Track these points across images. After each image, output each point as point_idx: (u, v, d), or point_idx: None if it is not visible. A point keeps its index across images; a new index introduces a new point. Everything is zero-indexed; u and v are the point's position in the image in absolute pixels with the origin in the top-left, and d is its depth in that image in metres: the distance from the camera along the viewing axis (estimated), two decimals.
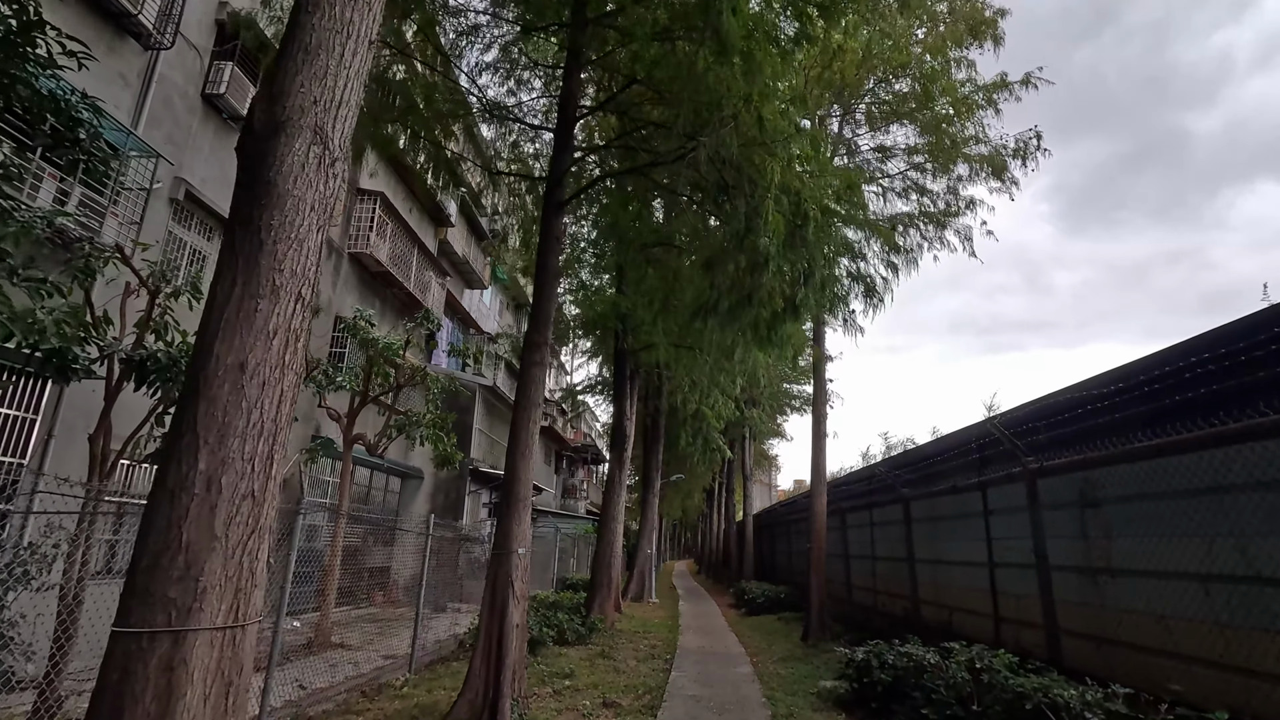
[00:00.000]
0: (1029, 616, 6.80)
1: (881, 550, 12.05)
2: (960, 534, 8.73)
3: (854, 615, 13.02)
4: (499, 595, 6.27)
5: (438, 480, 21.73)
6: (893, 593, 11.01)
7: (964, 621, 8.40)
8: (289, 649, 11.88)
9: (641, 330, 14.71)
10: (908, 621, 9.97)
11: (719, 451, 19.48)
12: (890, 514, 11.17)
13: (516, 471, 6.77)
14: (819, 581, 11.50)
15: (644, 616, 16.27)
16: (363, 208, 18.59)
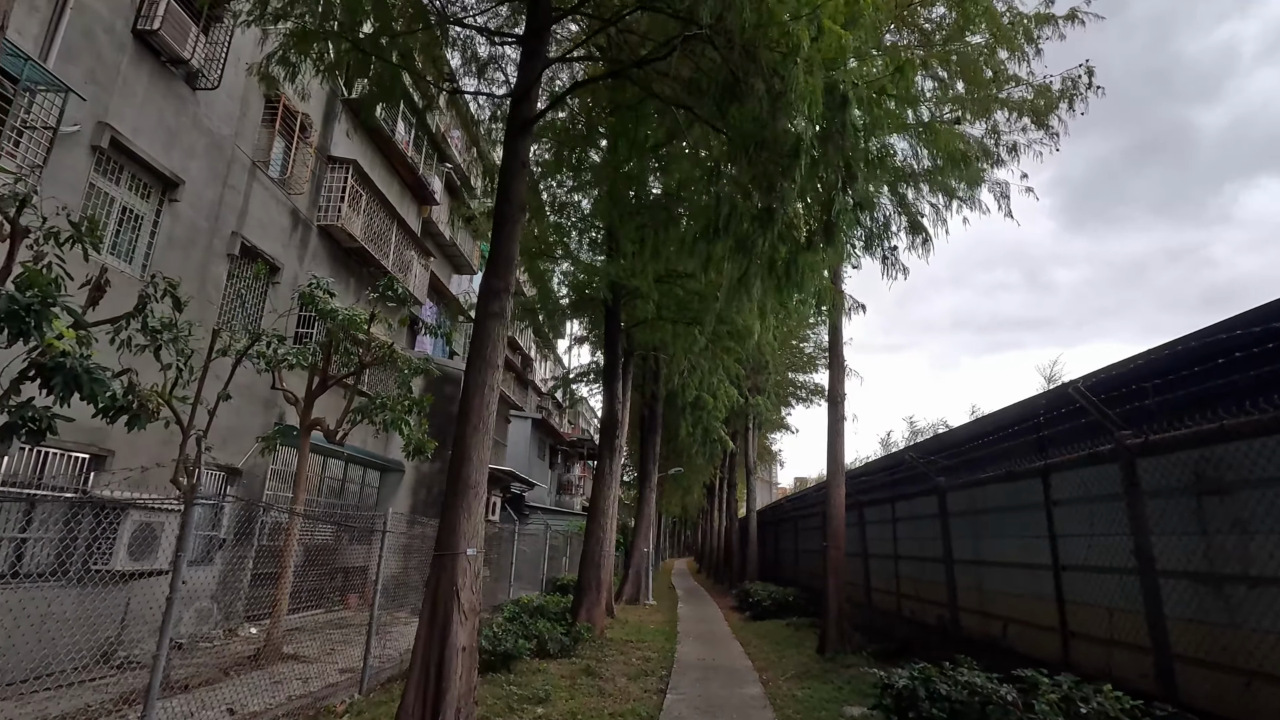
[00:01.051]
0: (1125, 635, 5.33)
1: (907, 549, 10.59)
2: (1013, 530, 7.28)
3: (874, 622, 11.56)
4: (440, 610, 4.83)
5: (420, 474, 20.27)
6: (923, 598, 9.56)
7: (1020, 635, 6.95)
8: (236, 660, 10.44)
9: (635, 304, 13.22)
10: (943, 632, 8.52)
11: (720, 443, 18.02)
12: (920, 507, 9.72)
13: (466, 449, 5.32)
14: (837, 585, 10.04)
15: (639, 621, 14.83)
16: (334, 177, 17.10)
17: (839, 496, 10.33)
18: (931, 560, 9.26)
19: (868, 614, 11.87)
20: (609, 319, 12.41)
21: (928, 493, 9.07)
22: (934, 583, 9.09)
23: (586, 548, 11.76)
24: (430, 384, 20.95)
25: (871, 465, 12.26)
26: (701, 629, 14.10)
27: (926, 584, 9.48)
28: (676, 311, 12.42)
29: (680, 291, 12.24)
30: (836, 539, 10.21)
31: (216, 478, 13.26)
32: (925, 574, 9.59)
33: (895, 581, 11.12)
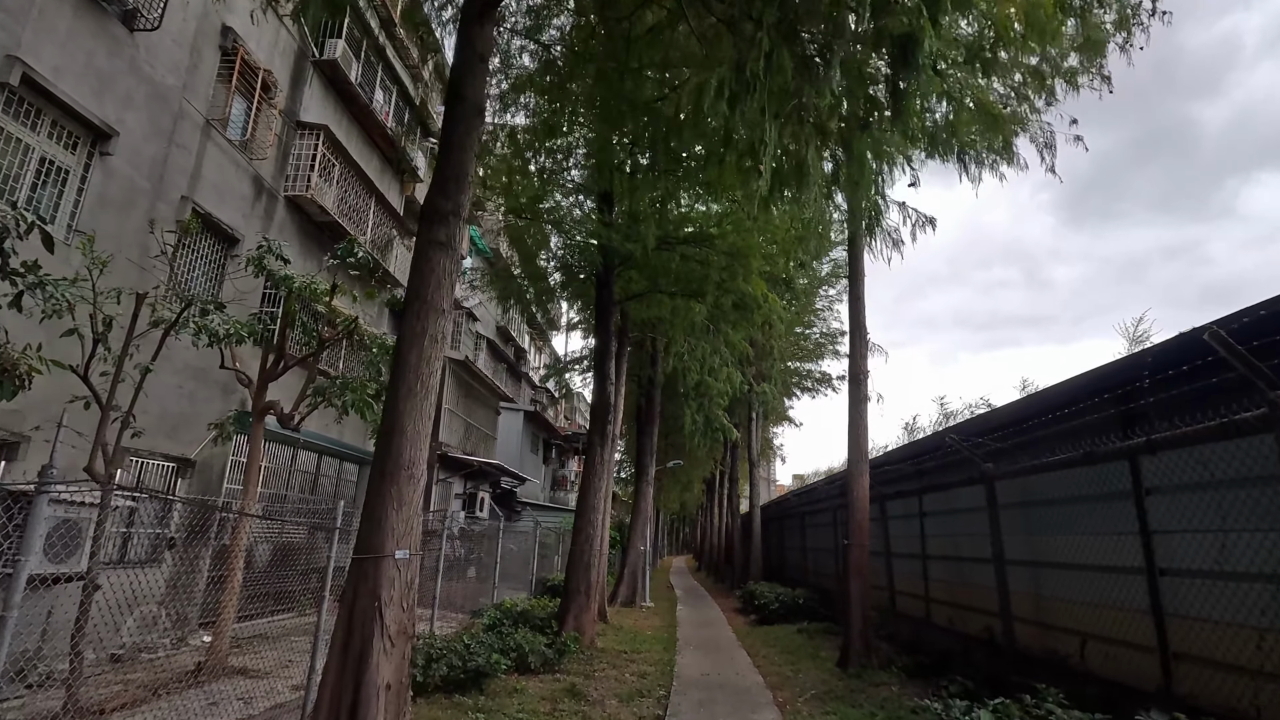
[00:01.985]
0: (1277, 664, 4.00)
1: (940, 547, 9.29)
2: (1088, 525, 5.99)
3: (899, 630, 10.26)
4: (356, 635, 3.52)
5: None
6: (962, 604, 8.24)
7: (1101, 655, 5.64)
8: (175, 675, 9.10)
9: (630, 276, 11.88)
10: (991, 645, 7.22)
11: (724, 431, 16.70)
12: (959, 499, 8.40)
13: (398, 418, 4.00)
14: (862, 589, 8.73)
15: (635, 626, 13.54)
16: (303, 144, 15.72)
17: (862, 488, 9.01)
18: (974, 560, 7.95)
19: (891, 621, 10.57)
20: (600, 290, 11.08)
21: (970, 481, 7.75)
22: (978, 587, 7.77)
23: (574, 547, 10.46)
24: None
25: (893, 454, 10.96)
26: (703, 635, 12.80)
27: (968, 588, 8.16)
28: (675, 283, 11.10)
29: (678, 262, 10.93)
30: (860, 535, 8.90)
31: (163, 469, 11.93)
32: (966, 576, 8.27)
33: (923, 584, 9.83)
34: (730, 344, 12.06)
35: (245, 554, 11.32)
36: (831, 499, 14.77)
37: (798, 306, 19.09)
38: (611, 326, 11.09)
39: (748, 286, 10.29)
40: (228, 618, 9.71)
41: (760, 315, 11.23)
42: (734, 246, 9.87)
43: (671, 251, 10.88)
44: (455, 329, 26.96)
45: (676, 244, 10.61)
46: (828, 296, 21.51)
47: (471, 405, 23.12)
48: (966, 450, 7.27)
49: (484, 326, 30.59)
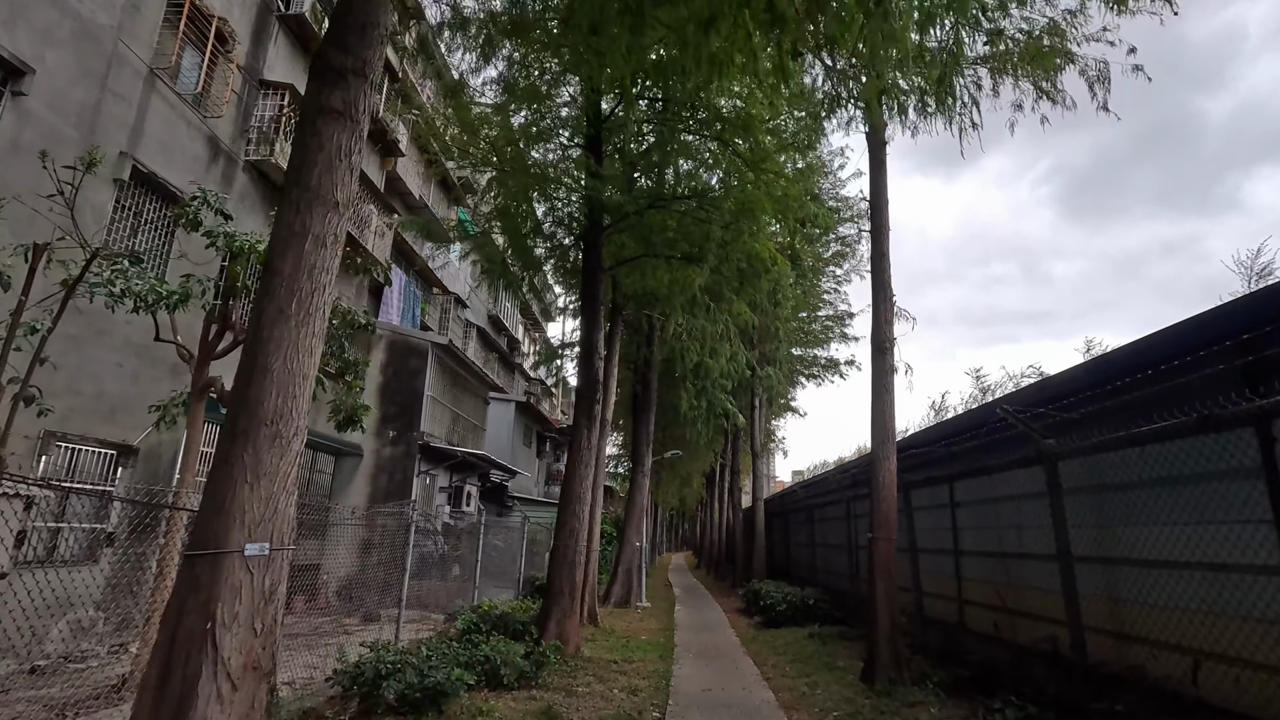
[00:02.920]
0: None
1: (979, 541, 8.02)
2: (1190, 511, 4.74)
3: (929, 638, 9.00)
4: (176, 671, 2.27)
5: (381, 459, 17.65)
6: (1010, 609, 6.96)
7: (1221, 679, 4.38)
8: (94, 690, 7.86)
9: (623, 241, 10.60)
10: (1055, 659, 5.96)
11: (727, 416, 15.43)
12: (1005, 484, 7.11)
13: (262, 353, 2.74)
14: (889, 591, 7.46)
15: (628, 630, 12.29)
16: (266, 104, 14.42)
17: (888, 473, 7.74)
18: (1027, 557, 6.68)
19: (919, 626, 9.30)
20: (587, 252, 9.81)
21: (1024, 463, 6.48)
22: (1033, 588, 6.49)
23: (557, 543, 9.20)
24: (393, 355, 18.38)
25: (918, 436, 9.71)
26: (704, 641, 11.54)
27: (1018, 589, 6.88)
28: (672, 246, 9.82)
29: (676, 222, 9.65)
30: (886, 528, 7.62)
31: (100, 457, 10.68)
32: (1014, 575, 7.00)
33: (955, 584, 8.57)
34: (734, 315, 10.74)
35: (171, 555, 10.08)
36: (844, 490, 13.52)
37: (804, 286, 17.86)
38: (600, 295, 9.83)
39: (755, 245, 9.01)
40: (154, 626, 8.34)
41: (769, 280, 9.95)
42: (741, 199, 8.61)
43: (667, 210, 9.62)
44: (444, 315, 25.71)
45: (673, 200, 9.34)
46: (835, 277, 20.29)
47: (459, 395, 21.83)
48: (1023, 424, 6.00)
49: (475, 314, 29.31)
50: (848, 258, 20.20)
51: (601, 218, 9.68)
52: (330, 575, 15.26)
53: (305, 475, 16.04)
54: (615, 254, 10.49)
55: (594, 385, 9.51)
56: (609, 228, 10.13)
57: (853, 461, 13.83)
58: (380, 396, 17.97)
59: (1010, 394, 7.33)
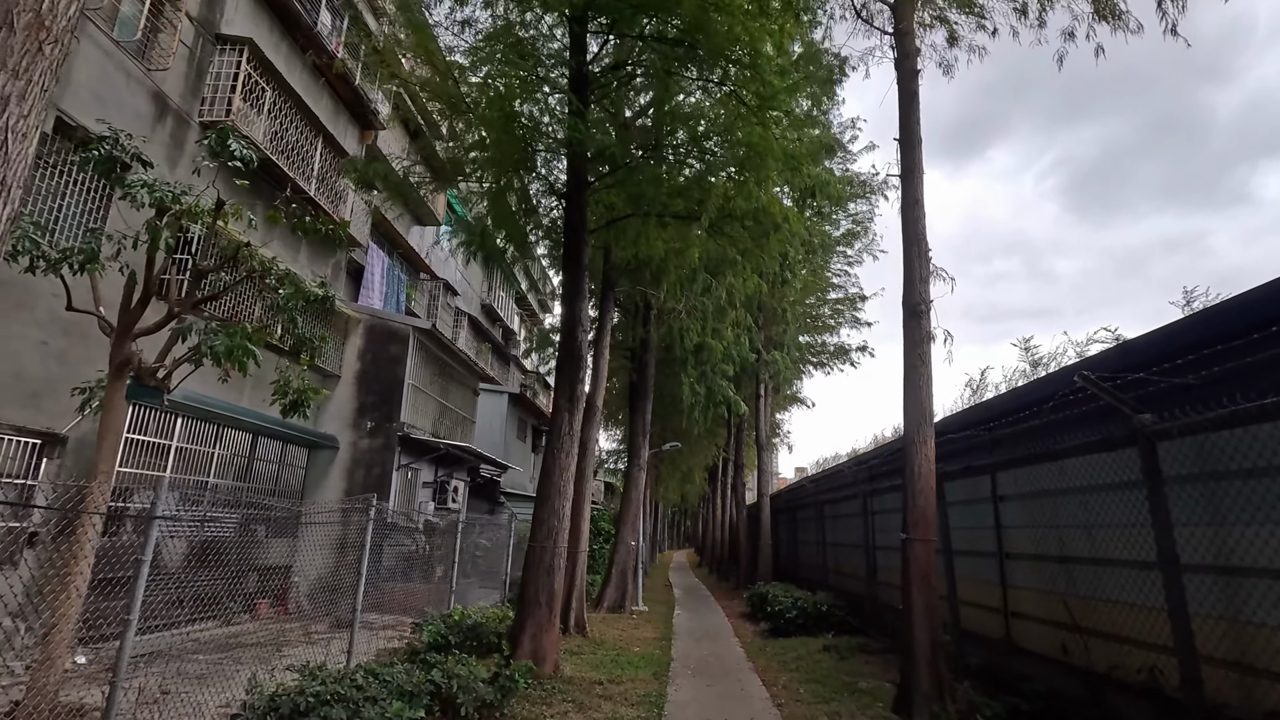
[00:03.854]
0: None
1: (1027, 542, 6.70)
2: None
3: (967, 655, 7.65)
4: None
5: (358, 451, 16.37)
6: (1087, 628, 5.61)
7: None
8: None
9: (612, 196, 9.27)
10: (1156, 698, 4.65)
11: (728, 403, 14.12)
12: (1072, 472, 5.75)
13: None
14: (928, 602, 6.14)
15: (620, 640, 11.01)
16: (223, 60, 13.11)
17: (926, 460, 6.43)
18: (1111, 564, 5.33)
19: (954, 641, 7.98)
20: (569, 209, 8.49)
21: (1105, 445, 5.16)
22: (1121, 605, 5.12)
23: (533, 543, 7.91)
24: (371, 340, 17.11)
25: (951, 420, 8.38)
26: (705, 653, 10.25)
27: (1096, 604, 5.51)
28: (667, 201, 8.48)
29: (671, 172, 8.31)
30: (924, 526, 6.30)
31: (18, 447, 9.45)
32: (1090, 586, 5.64)
33: (1000, 593, 7.27)
34: (740, 284, 9.36)
35: (81, 560, 8.85)
36: (860, 484, 12.22)
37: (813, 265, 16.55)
38: (584, 259, 8.51)
39: (762, 196, 7.69)
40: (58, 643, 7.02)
41: (779, 241, 8.63)
42: (746, 142, 7.30)
43: (661, 160, 8.30)
44: (432, 302, 24.40)
45: (670, 148, 8.03)
46: (846, 257, 18.93)
47: (446, 385, 20.54)
48: (1109, 395, 4.69)
49: (467, 303, 28.01)
50: (859, 237, 18.89)
51: (586, 170, 8.37)
52: (301, 577, 14.03)
53: (272, 469, 14.78)
54: (603, 213, 9.17)
55: (577, 361, 8.22)
56: (596, 183, 8.83)
57: (870, 452, 12.52)
58: (357, 385, 16.70)
59: (1092, 358, 5.98)
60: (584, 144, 7.80)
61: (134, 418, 10.97)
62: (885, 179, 18.06)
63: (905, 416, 6.65)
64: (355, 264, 18.60)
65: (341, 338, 16.77)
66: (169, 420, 11.75)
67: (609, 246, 12.34)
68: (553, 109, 9.44)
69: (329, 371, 16.05)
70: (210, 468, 12.77)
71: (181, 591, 12.04)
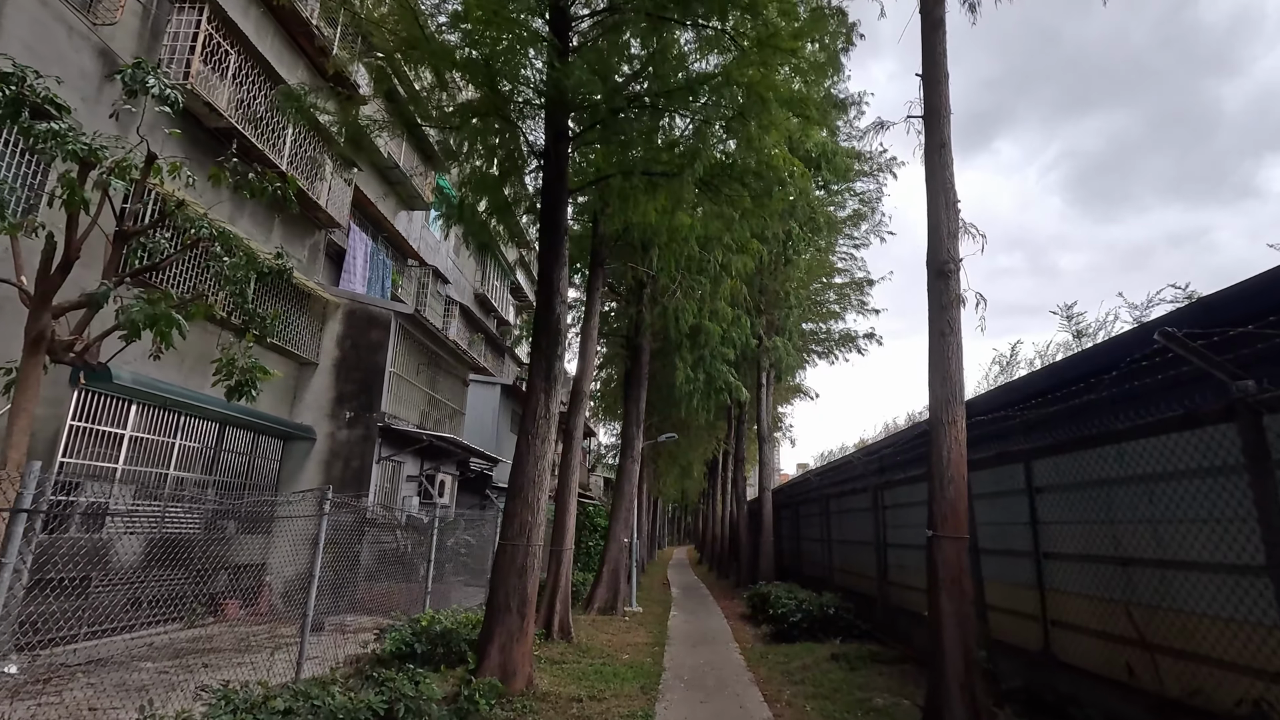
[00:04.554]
0: None
1: (1072, 540, 5.73)
2: None
3: (999, 669, 6.72)
4: None
5: (336, 443, 15.43)
6: (1158, 645, 4.61)
7: None
8: None
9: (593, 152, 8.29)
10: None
11: (729, 391, 13.16)
12: (1133, 457, 4.78)
13: None
14: (961, 612, 5.19)
15: (608, 646, 10.08)
16: (181, 20, 12.16)
17: (955, 444, 5.46)
18: (1190, 567, 4.37)
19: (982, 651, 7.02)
20: (547, 165, 7.52)
21: (1189, 422, 4.20)
22: (1209, 619, 4.14)
23: (502, 541, 6.98)
24: (351, 326, 16.17)
25: (976, 403, 7.40)
26: (700, 661, 9.31)
27: (1168, 616, 4.54)
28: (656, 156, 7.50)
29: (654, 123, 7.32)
30: (954, 522, 5.34)
31: None
32: (1158, 594, 4.67)
33: (1037, 598, 6.33)
34: (739, 247, 8.39)
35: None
36: (869, 476, 11.27)
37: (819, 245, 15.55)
38: (563, 222, 7.56)
39: (765, 141, 6.72)
40: None
41: (781, 200, 7.65)
42: (747, 82, 6.32)
43: (646, 108, 7.32)
44: (420, 290, 23.44)
45: (660, 94, 7.06)
46: (853, 239, 17.92)
47: (435, 375, 19.60)
48: (1200, 359, 3.74)
49: (459, 292, 27.06)
50: (866, 218, 17.90)
51: (565, 119, 7.42)
52: (275, 575, 13.13)
53: (243, 461, 13.85)
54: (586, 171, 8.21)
55: (555, 335, 7.27)
56: (578, 137, 7.87)
57: (881, 441, 11.56)
58: (336, 373, 15.77)
59: (1174, 313, 4.96)
60: (562, 87, 6.85)
61: (81, 404, 10.06)
62: (893, 158, 17.10)
63: (931, 394, 5.70)
64: (336, 247, 17.63)
65: (319, 323, 15.83)
66: (120, 407, 10.82)
67: (597, 218, 11.38)
68: (531, 59, 8.47)
69: (305, 359, 15.14)
70: (170, 459, 11.86)
71: (139, 592, 11.11)
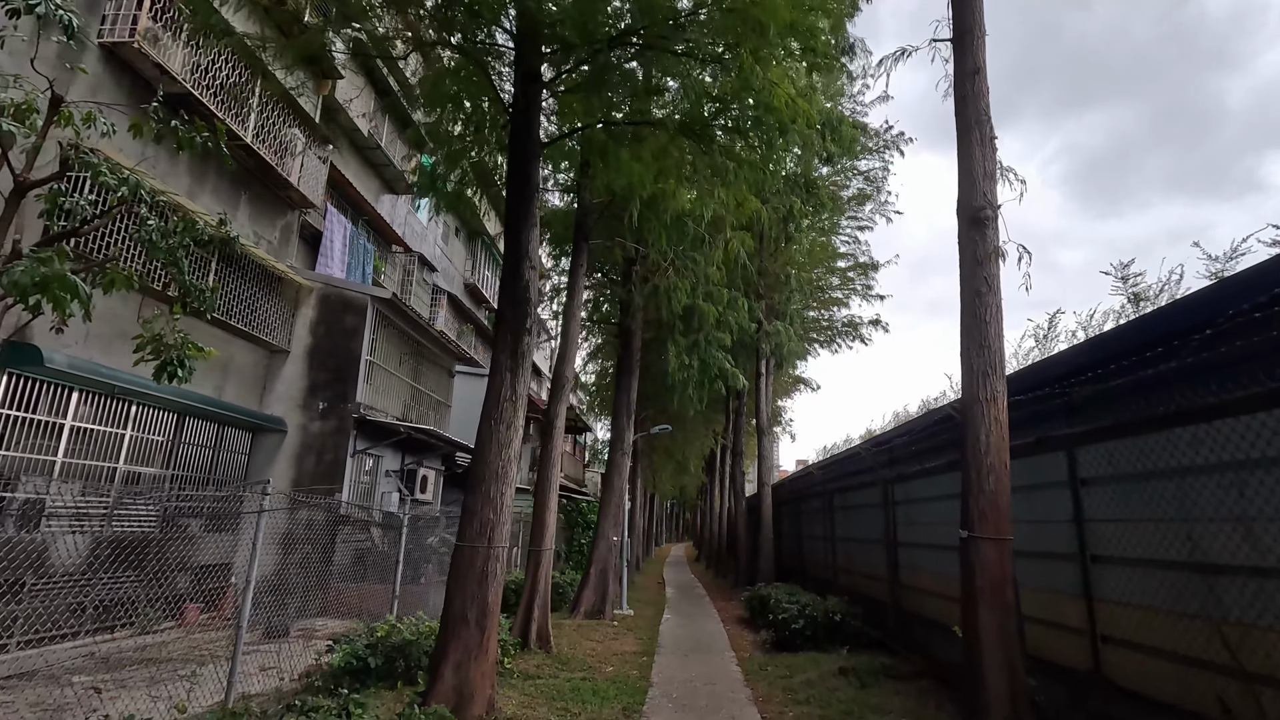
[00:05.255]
0: None
1: (1132, 541, 4.80)
2: None
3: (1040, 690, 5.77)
4: None
5: (308, 435, 14.48)
6: (1256, 674, 3.71)
7: None
8: None
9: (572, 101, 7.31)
10: None
11: (725, 377, 12.21)
12: (1234, 439, 3.83)
13: None
14: (1003, 628, 4.22)
15: (592, 654, 9.14)
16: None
17: (995, 425, 4.49)
18: None
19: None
20: (516, 114, 6.56)
21: None
22: None
23: (460, 540, 6.02)
24: (325, 311, 15.21)
25: (1009, 380, 6.33)
26: (693, 674, 8.36)
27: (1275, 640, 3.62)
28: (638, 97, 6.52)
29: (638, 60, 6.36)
30: (994, 519, 4.37)
31: None
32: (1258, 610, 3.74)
33: (1084, 609, 5.38)
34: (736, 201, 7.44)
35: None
36: (879, 469, 10.33)
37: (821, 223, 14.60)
38: (534, 177, 6.59)
39: (763, 78, 5.73)
40: None
41: (786, 147, 6.67)
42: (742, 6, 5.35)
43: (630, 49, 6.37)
44: (406, 278, 22.48)
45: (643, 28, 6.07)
46: (858, 219, 16.93)
47: (418, 365, 18.63)
48: None
49: (447, 281, 26.09)
50: (871, 199, 16.92)
51: (538, 60, 6.46)
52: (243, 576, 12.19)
53: (207, 454, 12.90)
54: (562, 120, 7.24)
55: (522, 306, 6.29)
56: (552, 84, 6.91)
57: (892, 431, 10.60)
58: (309, 361, 14.82)
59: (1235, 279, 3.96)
60: (532, 17, 5.88)
61: (12, 390, 9.11)
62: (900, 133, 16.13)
63: (964, 366, 4.74)
64: (312, 229, 16.64)
65: (291, 308, 14.88)
66: (59, 394, 9.87)
67: (580, 188, 10.41)
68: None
69: (276, 346, 14.19)
70: (120, 452, 10.91)
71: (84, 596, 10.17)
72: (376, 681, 7.19)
